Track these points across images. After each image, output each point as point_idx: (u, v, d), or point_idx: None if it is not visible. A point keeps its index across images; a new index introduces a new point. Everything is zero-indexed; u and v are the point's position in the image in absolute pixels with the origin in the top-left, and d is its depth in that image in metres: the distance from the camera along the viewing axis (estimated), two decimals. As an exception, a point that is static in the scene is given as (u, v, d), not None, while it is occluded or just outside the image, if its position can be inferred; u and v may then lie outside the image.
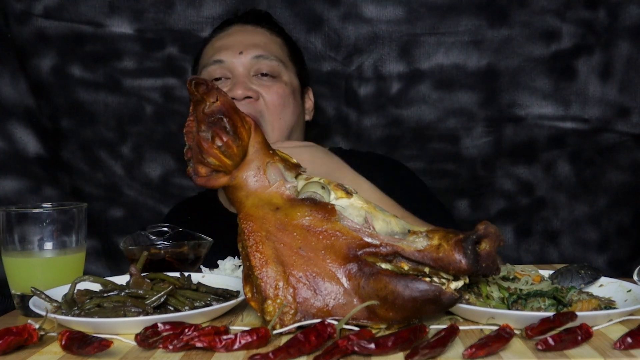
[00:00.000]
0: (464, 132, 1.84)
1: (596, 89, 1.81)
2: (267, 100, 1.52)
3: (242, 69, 1.52)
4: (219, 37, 1.60)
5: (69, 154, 1.84)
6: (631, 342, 0.77)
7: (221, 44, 1.57)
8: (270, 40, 1.59)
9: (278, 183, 0.91)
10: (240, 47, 1.54)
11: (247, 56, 1.53)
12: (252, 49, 1.54)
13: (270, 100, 1.52)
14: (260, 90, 1.51)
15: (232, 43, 1.56)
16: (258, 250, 0.88)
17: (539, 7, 1.80)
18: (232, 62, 1.53)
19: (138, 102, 1.83)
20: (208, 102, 0.91)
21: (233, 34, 1.59)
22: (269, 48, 1.56)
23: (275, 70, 1.54)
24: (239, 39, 1.57)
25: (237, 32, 1.59)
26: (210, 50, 1.58)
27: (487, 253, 0.84)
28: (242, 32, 1.59)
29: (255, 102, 1.50)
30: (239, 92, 1.48)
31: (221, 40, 1.59)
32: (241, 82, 1.51)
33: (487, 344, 0.75)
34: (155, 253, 1.18)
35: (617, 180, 1.84)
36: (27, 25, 1.79)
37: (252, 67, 1.53)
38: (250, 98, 1.49)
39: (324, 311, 0.85)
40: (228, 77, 1.53)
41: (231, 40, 1.57)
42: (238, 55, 1.53)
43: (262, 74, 1.53)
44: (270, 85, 1.53)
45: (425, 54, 1.83)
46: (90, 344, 0.77)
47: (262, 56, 1.53)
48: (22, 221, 1.04)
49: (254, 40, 1.57)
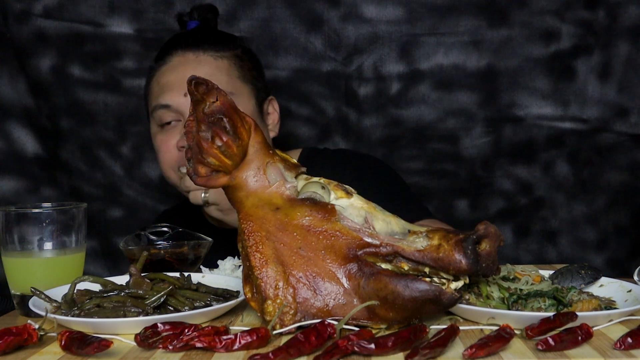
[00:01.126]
0: (463, 132, 1.85)
1: (595, 89, 1.82)
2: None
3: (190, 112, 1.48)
4: (162, 71, 1.50)
5: (68, 154, 1.84)
6: (631, 342, 0.77)
7: (165, 82, 1.48)
8: (216, 69, 1.47)
9: (278, 183, 0.91)
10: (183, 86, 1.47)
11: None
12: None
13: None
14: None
15: (175, 81, 1.46)
16: (258, 250, 0.88)
17: (539, 7, 1.80)
18: (179, 105, 1.44)
19: (138, 102, 1.83)
20: (208, 102, 0.91)
21: (175, 68, 1.48)
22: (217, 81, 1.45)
23: None
24: (181, 75, 1.45)
25: (179, 65, 1.48)
26: (155, 87, 1.50)
27: (487, 253, 0.84)
28: (183, 64, 1.48)
29: None
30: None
31: (164, 75, 1.49)
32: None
33: (487, 344, 0.75)
34: (155, 253, 1.18)
35: (615, 180, 1.85)
36: (26, 25, 1.79)
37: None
38: None
39: (324, 311, 0.85)
40: (179, 119, 1.46)
41: (173, 78, 1.46)
42: (183, 96, 1.42)
43: None
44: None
45: (425, 54, 1.83)
46: (90, 344, 0.77)
47: None
48: (21, 221, 1.04)
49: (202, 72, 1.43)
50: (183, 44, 1.50)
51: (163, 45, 1.55)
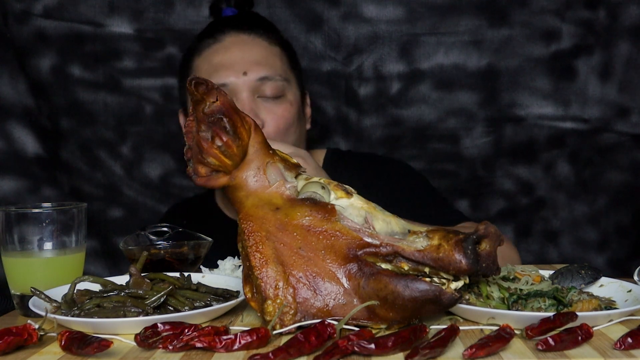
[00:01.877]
0: (464, 132, 1.84)
1: (596, 89, 1.82)
2: (271, 127, 1.41)
3: (246, 93, 1.41)
4: (214, 49, 1.46)
5: (68, 154, 1.84)
6: (631, 342, 0.77)
7: (219, 60, 1.44)
8: (271, 53, 1.46)
9: (278, 183, 0.91)
10: (242, 65, 1.42)
11: (251, 77, 1.41)
12: (255, 68, 1.42)
13: (274, 127, 1.42)
14: (264, 117, 1.41)
15: (233, 60, 1.43)
16: (258, 250, 0.88)
17: (539, 7, 1.80)
18: (236, 84, 1.41)
19: (138, 102, 1.83)
20: (208, 102, 0.91)
21: (230, 48, 1.45)
22: (273, 65, 1.45)
23: (280, 91, 1.44)
24: (239, 54, 1.44)
25: (234, 45, 1.45)
26: (205, 65, 1.45)
27: (487, 253, 0.84)
28: (239, 43, 1.45)
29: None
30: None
31: (218, 54, 1.45)
32: (247, 107, 1.39)
33: (487, 344, 0.75)
34: (155, 253, 1.18)
35: (616, 180, 1.84)
36: (26, 25, 1.79)
37: (257, 89, 1.42)
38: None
39: (324, 311, 0.85)
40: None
41: (230, 56, 1.43)
42: (242, 76, 1.41)
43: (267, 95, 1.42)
44: (274, 109, 1.43)
45: (425, 54, 1.83)
46: (90, 344, 0.77)
47: (267, 77, 1.42)
48: (21, 221, 1.04)
49: (255, 55, 1.45)
50: (235, 25, 1.47)
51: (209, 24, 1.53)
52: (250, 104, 1.40)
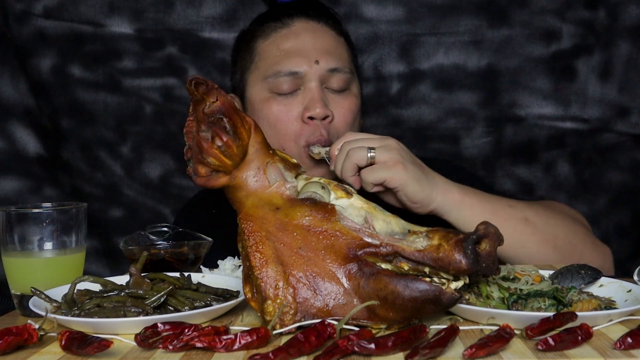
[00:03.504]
0: (464, 132, 1.85)
1: (596, 89, 1.82)
2: (340, 120, 1.37)
3: (315, 82, 1.36)
4: (282, 34, 1.40)
5: (69, 154, 1.84)
6: (631, 342, 0.77)
7: (291, 46, 1.38)
8: (340, 44, 1.42)
9: (278, 183, 0.91)
10: (315, 53, 1.37)
11: (322, 66, 1.36)
12: (326, 57, 1.37)
13: (343, 121, 1.38)
14: (332, 109, 1.37)
15: (304, 47, 1.37)
16: (258, 250, 0.88)
17: (539, 7, 1.80)
18: (308, 73, 1.36)
19: (138, 102, 1.83)
20: (208, 102, 0.91)
21: (301, 34, 1.39)
22: (341, 57, 1.41)
23: (347, 84, 1.40)
24: (310, 41, 1.38)
25: (305, 31, 1.40)
26: (274, 50, 1.39)
27: (487, 253, 0.84)
28: (309, 30, 1.40)
29: (329, 124, 1.36)
30: (319, 111, 1.34)
31: (288, 40, 1.39)
32: (319, 98, 1.35)
33: (487, 344, 0.75)
34: (155, 253, 1.18)
35: (616, 180, 1.84)
36: (27, 25, 1.79)
37: (325, 79, 1.37)
38: (327, 118, 1.35)
39: (324, 311, 0.85)
40: (299, 88, 1.37)
41: (302, 43, 1.38)
42: (314, 64, 1.35)
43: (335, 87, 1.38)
44: (341, 102, 1.38)
45: (425, 54, 1.83)
46: (90, 344, 0.77)
47: (337, 69, 1.37)
48: (22, 221, 1.04)
49: (326, 44, 1.40)
50: (303, 11, 1.42)
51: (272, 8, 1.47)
52: (320, 94, 1.36)
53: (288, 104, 1.37)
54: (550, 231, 1.29)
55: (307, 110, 1.34)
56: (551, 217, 1.32)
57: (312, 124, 1.35)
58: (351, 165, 1.21)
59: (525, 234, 1.27)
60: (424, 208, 1.25)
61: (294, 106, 1.37)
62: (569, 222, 1.35)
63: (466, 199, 1.26)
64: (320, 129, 1.35)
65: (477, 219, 1.21)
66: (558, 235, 1.30)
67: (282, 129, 1.37)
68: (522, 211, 1.29)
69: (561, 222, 1.33)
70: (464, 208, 1.25)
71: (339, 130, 1.37)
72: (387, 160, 1.21)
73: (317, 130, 1.34)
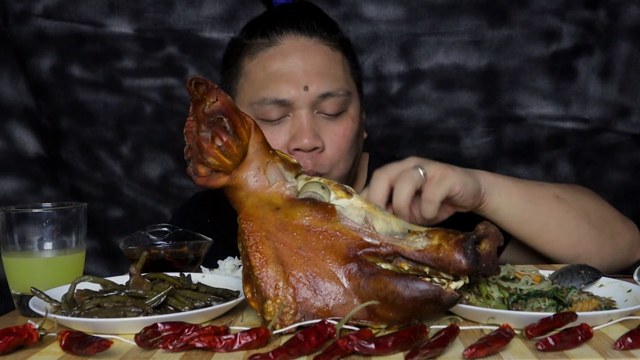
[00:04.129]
0: (464, 132, 1.85)
1: (596, 89, 1.82)
2: (333, 149, 1.28)
3: (306, 110, 1.26)
4: (270, 54, 1.29)
5: (69, 154, 1.84)
6: (631, 342, 0.77)
7: (278, 69, 1.27)
8: (334, 62, 1.30)
9: (278, 183, 0.91)
10: (304, 78, 1.26)
11: (312, 91, 1.26)
12: (317, 81, 1.26)
13: (336, 149, 1.28)
14: (324, 138, 1.28)
15: (293, 70, 1.27)
16: (258, 250, 0.88)
17: (539, 7, 1.80)
18: (296, 99, 1.26)
19: (138, 102, 1.84)
20: (208, 102, 0.91)
21: (289, 54, 1.28)
22: (335, 77, 1.29)
23: (342, 107, 1.29)
24: (299, 63, 1.27)
25: (294, 51, 1.29)
26: (260, 73, 1.29)
27: (487, 253, 0.84)
28: (299, 50, 1.29)
29: (319, 154, 1.27)
30: (307, 142, 1.25)
31: (275, 61, 1.28)
32: (307, 128, 1.26)
33: (487, 344, 0.75)
34: (155, 253, 1.18)
35: (617, 180, 1.84)
36: (26, 25, 1.79)
37: (317, 105, 1.28)
38: (316, 149, 1.27)
39: (324, 311, 0.85)
40: (288, 114, 1.28)
41: (290, 66, 1.27)
42: (302, 90, 1.25)
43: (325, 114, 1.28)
44: (335, 129, 1.29)
45: (425, 54, 1.83)
46: (90, 344, 0.77)
47: (330, 94, 1.27)
48: (22, 221, 1.04)
49: (317, 65, 1.28)
50: (293, 24, 1.30)
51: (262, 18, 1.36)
52: (309, 123, 1.26)
53: (275, 132, 1.28)
54: (582, 207, 1.24)
55: (294, 141, 1.26)
56: (578, 194, 1.28)
57: (298, 155, 1.26)
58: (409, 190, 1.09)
59: (561, 212, 1.22)
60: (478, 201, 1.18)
61: (281, 134, 1.28)
62: (595, 198, 1.31)
63: (499, 180, 1.20)
64: (305, 162, 1.26)
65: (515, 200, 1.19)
66: (590, 210, 1.25)
67: None
68: (551, 189, 1.24)
69: (588, 198, 1.29)
70: (503, 190, 1.19)
71: (331, 160, 1.29)
72: (437, 171, 1.12)
73: (303, 163, 1.24)
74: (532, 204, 1.21)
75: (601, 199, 1.33)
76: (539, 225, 1.22)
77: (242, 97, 1.32)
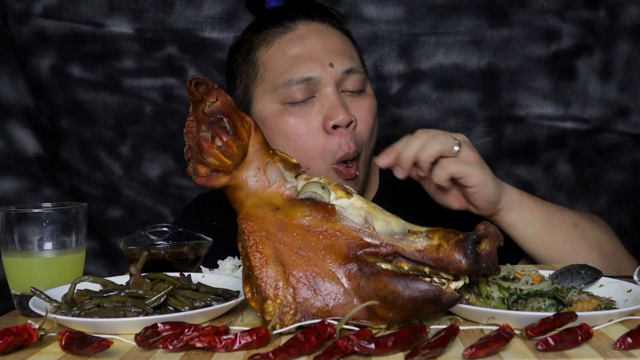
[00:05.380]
0: (464, 132, 1.83)
1: (596, 89, 1.82)
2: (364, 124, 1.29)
3: (332, 87, 1.26)
4: (287, 39, 1.29)
5: (68, 154, 1.84)
6: (631, 342, 0.77)
7: (299, 52, 1.27)
8: (348, 44, 1.32)
9: (278, 183, 0.91)
10: (327, 56, 1.27)
11: (337, 69, 1.26)
12: (340, 59, 1.27)
13: (366, 124, 1.29)
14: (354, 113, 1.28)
15: (315, 51, 1.27)
16: (258, 250, 0.88)
17: (539, 7, 1.80)
18: (322, 78, 1.25)
19: (137, 102, 1.84)
20: (208, 102, 0.91)
21: (307, 37, 1.29)
22: (352, 56, 1.31)
23: (362, 85, 1.31)
24: (318, 44, 1.28)
25: (311, 34, 1.29)
26: (280, 58, 1.28)
27: (487, 253, 0.84)
28: (316, 33, 1.30)
29: (353, 130, 1.27)
30: (343, 118, 1.24)
31: (294, 45, 1.28)
32: (340, 104, 1.25)
33: (487, 344, 0.75)
34: (155, 253, 1.18)
35: (617, 180, 1.84)
36: (26, 25, 1.79)
37: (340, 82, 1.28)
38: (352, 124, 1.26)
39: (324, 311, 0.85)
40: (314, 95, 1.27)
41: (310, 47, 1.27)
42: (328, 67, 1.25)
43: (349, 91, 1.29)
44: (361, 104, 1.29)
45: (425, 54, 1.83)
46: (90, 344, 0.77)
47: (352, 70, 1.28)
48: (22, 221, 1.04)
49: (336, 45, 1.30)
50: (305, 12, 1.31)
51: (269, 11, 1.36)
52: (339, 99, 1.26)
53: (305, 115, 1.26)
54: (597, 237, 1.28)
55: (329, 119, 1.24)
56: (595, 224, 1.31)
57: (337, 134, 1.26)
58: (434, 150, 1.12)
59: (576, 239, 1.25)
60: (492, 209, 1.20)
61: (313, 116, 1.26)
62: (609, 231, 1.34)
63: (524, 199, 1.23)
64: (347, 141, 1.26)
65: (534, 222, 1.22)
66: (603, 242, 1.29)
67: (303, 145, 1.26)
68: (571, 216, 1.27)
69: (603, 231, 1.32)
70: (524, 209, 1.22)
71: (362, 136, 1.29)
72: (470, 156, 1.15)
73: (344, 143, 1.25)
74: (551, 227, 1.24)
75: (613, 233, 1.36)
76: (554, 248, 1.25)
77: (264, 86, 1.30)
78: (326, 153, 1.26)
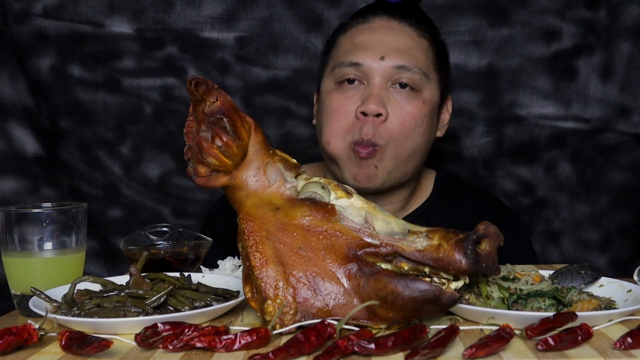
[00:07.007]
0: (464, 132, 1.84)
1: (597, 88, 1.81)
2: (396, 122, 1.33)
3: (379, 78, 1.35)
4: (360, 29, 1.41)
5: (68, 154, 1.83)
6: (631, 342, 0.77)
7: (361, 40, 1.38)
8: (417, 45, 1.39)
9: (278, 183, 0.91)
10: (382, 50, 1.36)
11: (388, 63, 1.34)
12: (395, 55, 1.35)
13: (399, 123, 1.33)
14: (390, 109, 1.33)
15: (374, 43, 1.37)
16: (258, 250, 0.88)
17: (539, 7, 1.80)
18: (371, 67, 1.34)
19: (137, 102, 1.83)
20: (208, 102, 0.91)
21: (376, 30, 1.39)
22: (414, 57, 1.37)
23: (417, 84, 1.36)
24: (382, 39, 1.37)
25: (381, 29, 1.39)
26: (347, 43, 1.40)
27: (487, 253, 0.84)
28: (386, 29, 1.39)
29: (381, 123, 1.32)
30: (372, 107, 1.31)
31: (362, 34, 1.39)
32: (376, 94, 1.33)
33: (487, 344, 0.75)
34: (155, 253, 1.18)
35: (618, 180, 1.84)
36: (26, 25, 1.79)
37: (391, 77, 1.35)
38: (380, 116, 1.32)
39: (324, 311, 0.85)
40: (363, 82, 1.36)
41: (373, 39, 1.37)
42: (379, 60, 1.34)
43: (402, 84, 1.35)
44: (404, 104, 1.34)
45: (426, 54, 1.82)
46: (90, 344, 0.77)
47: (405, 67, 1.34)
48: (22, 221, 1.04)
49: (399, 43, 1.37)
50: (389, 11, 1.41)
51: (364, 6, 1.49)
52: (379, 91, 1.33)
53: (348, 97, 1.36)
54: None
55: (361, 106, 1.32)
56: None
57: (363, 120, 1.33)
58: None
59: None
60: None
61: (353, 100, 1.35)
62: None
63: None
64: (368, 128, 1.32)
65: None
66: None
67: (334, 122, 1.35)
68: None
69: None
70: None
71: (390, 133, 1.33)
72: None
73: (365, 129, 1.32)
74: None
75: None
76: None
77: (328, 66, 1.42)
78: (347, 133, 1.34)
